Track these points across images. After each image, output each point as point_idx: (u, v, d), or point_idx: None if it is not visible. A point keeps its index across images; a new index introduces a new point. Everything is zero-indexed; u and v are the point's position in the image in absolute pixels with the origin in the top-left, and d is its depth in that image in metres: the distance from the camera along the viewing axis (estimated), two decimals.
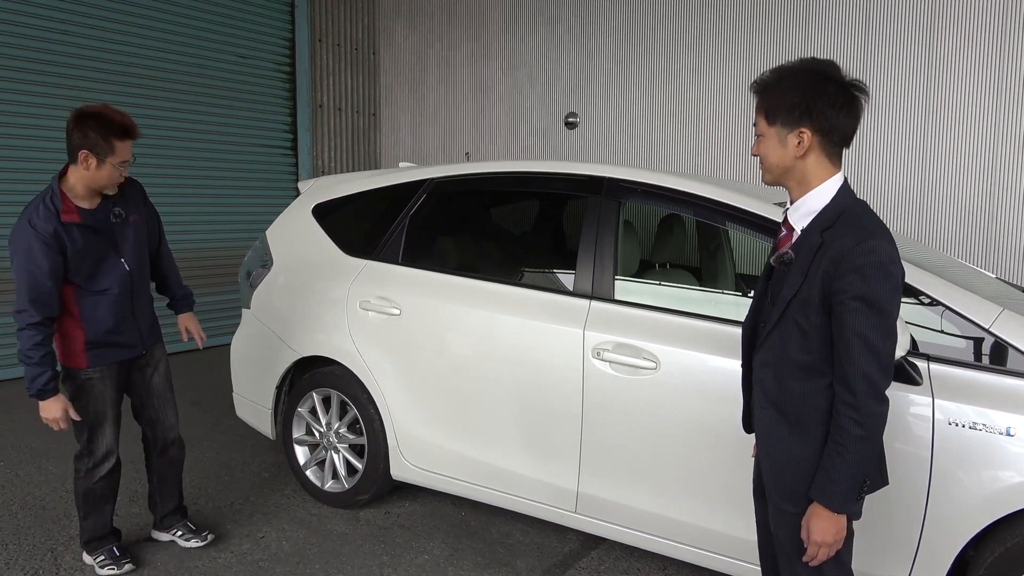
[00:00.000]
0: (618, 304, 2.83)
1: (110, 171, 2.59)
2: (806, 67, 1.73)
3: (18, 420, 4.57)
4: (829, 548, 1.73)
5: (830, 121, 1.71)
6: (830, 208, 1.73)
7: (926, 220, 5.11)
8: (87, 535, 2.89)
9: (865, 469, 1.70)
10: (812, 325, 1.71)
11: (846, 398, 1.67)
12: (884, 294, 1.63)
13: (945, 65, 4.93)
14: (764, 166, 1.81)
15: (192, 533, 3.11)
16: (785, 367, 1.78)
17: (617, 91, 6.35)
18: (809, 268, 1.71)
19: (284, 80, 7.09)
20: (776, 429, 1.81)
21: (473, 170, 3.40)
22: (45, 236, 2.52)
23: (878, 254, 1.63)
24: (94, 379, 2.73)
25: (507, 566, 3.04)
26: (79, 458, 2.84)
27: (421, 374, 3.20)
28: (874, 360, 1.64)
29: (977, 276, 3.05)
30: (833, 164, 1.77)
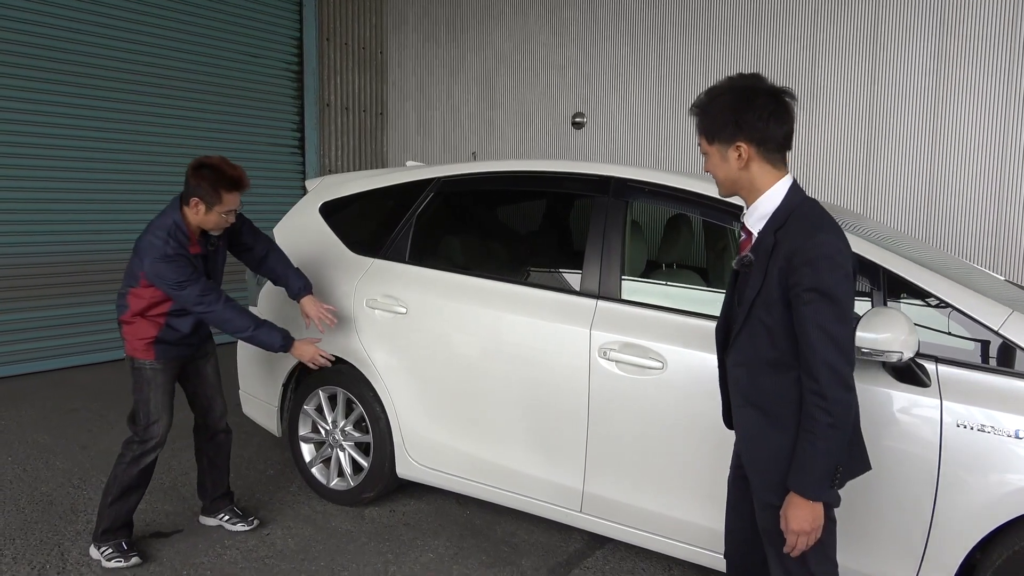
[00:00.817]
0: (625, 304, 2.82)
1: (216, 218, 2.84)
2: (733, 85, 1.84)
3: (25, 416, 4.60)
4: (808, 536, 1.77)
5: (761, 131, 1.80)
6: (781, 209, 1.82)
7: (933, 224, 5.09)
8: (107, 522, 2.91)
9: (836, 456, 1.74)
10: (776, 321, 1.78)
11: (812, 387, 1.72)
12: (835, 283, 1.69)
13: (952, 75, 4.92)
14: (716, 182, 1.93)
15: (239, 517, 3.23)
16: (756, 365, 1.85)
17: (624, 91, 6.35)
18: (767, 267, 1.79)
19: (292, 79, 7.10)
20: (754, 425, 1.88)
21: (480, 169, 3.41)
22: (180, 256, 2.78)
23: (825, 246, 1.71)
24: (158, 369, 2.90)
25: (512, 565, 3.04)
26: (129, 444, 2.92)
27: (427, 373, 3.21)
28: (834, 347, 1.70)
29: (986, 278, 3.04)
30: (777, 169, 1.86)
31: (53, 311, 5.62)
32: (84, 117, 5.65)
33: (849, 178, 5.37)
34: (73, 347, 5.75)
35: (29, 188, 5.42)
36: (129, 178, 5.94)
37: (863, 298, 2.60)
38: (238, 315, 2.89)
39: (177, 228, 2.80)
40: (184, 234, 2.82)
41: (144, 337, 2.88)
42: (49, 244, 5.56)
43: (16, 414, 4.62)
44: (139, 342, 2.88)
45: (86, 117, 5.66)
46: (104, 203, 5.83)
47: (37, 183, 5.46)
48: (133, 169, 5.96)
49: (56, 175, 5.55)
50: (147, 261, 2.77)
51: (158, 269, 2.76)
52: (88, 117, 5.67)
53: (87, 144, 5.68)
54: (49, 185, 5.52)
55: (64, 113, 5.54)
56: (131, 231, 5.91)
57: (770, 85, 1.82)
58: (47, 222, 5.52)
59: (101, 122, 5.75)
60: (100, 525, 2.93)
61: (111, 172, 5.84)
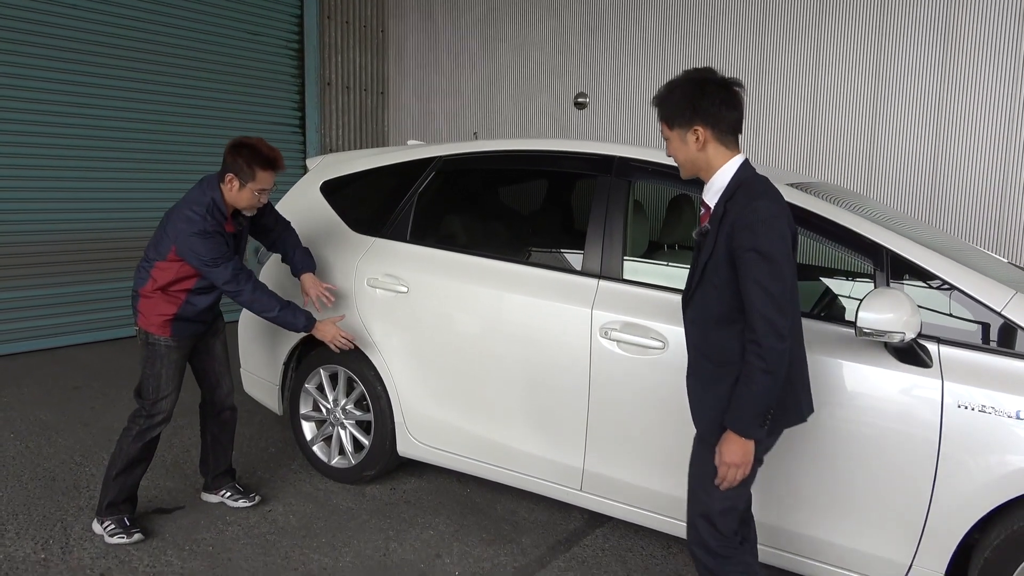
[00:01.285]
0: (627, 284, 2.82)
1: (249, 195, 2.86)
2: (689, 77, 2.07)
3: (27, 393, 4.61)
4: (738, 469, 1.97)
5: (715, 116, 2.02)
6: (731, 183, 2.03)
7: (936, 205, 5.07)
8: (111, 495, 2.93)
9: (768, 400, 1.93)
10: (723, 280, 1.98)
11: (750, 336, 1.92)
12: (770, 243, 1.89)
13: (956, 54, 4.87)
14: (678, 164, 2.15)
15: (240, 494, 3.26)
16: (707, 321, 2.06)
17: (627, 72, 6.30)
18: (717, 234, 1.99)
19: (292, 57, 7.05)
20: (700, 370, 2.10)
21: (482, 148, 3.39)
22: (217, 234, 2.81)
23: (761, 211, 1.92)
24: (172, 346, 2.92)
25: (512, 543, 3.06)
26: (136, 417, 2.93)
27: (428, 352, 3.21)
28: (770, 302, 1.89)
29: (988, 259, 3.03)
30: (729, 149, 2.07)
31: (55, 289, 5.62)
32: (83, 95, 5.61)
33: (853, 159, 5.34)
34: (75, 325, 5.76)
35: (29, 166, 5.39)
36: (129, 156, 5.91)
37: (866, 279, 2.59)
38: (266, 296, 2.93)
39: (215, 206, 2.83)
40: (222, 212, 2.84)
41: (163, 314, 2.88)
42: (51, 222, 5.54)
43: (18, 392, 4.64)
44: (157, 318, 2.88)
45: (85, 95, 5.62)
46: (104, 181, 5.80)
47: (37, 160, 5.44)
48: (133, 147, 5.93)
49: (55, 152, 5.52)
50: (182, 235, 2.78)
51: (193, 244, 2.77)
52: (87, 95, 5.63)
53: (86, 122, 5.65)
54: (49, 163, 5.49)
55: (63, 91, 5.50)
56: (131, 208, 5.93)
57: (721, 76, 2.05)
58: (49, 200, 5.51)
59: (100, 99, 5.71)
60: (104, 498, 2.94)
61: (111, 150, 5.81)
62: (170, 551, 2.87)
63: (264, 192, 2.89)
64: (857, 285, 2.79)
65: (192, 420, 3.97)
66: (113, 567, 2.74)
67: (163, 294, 2.88)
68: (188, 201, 2.84)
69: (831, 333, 2.46)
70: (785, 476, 2.50)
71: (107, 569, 2.73)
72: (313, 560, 2.86)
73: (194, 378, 3.17)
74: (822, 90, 5.41)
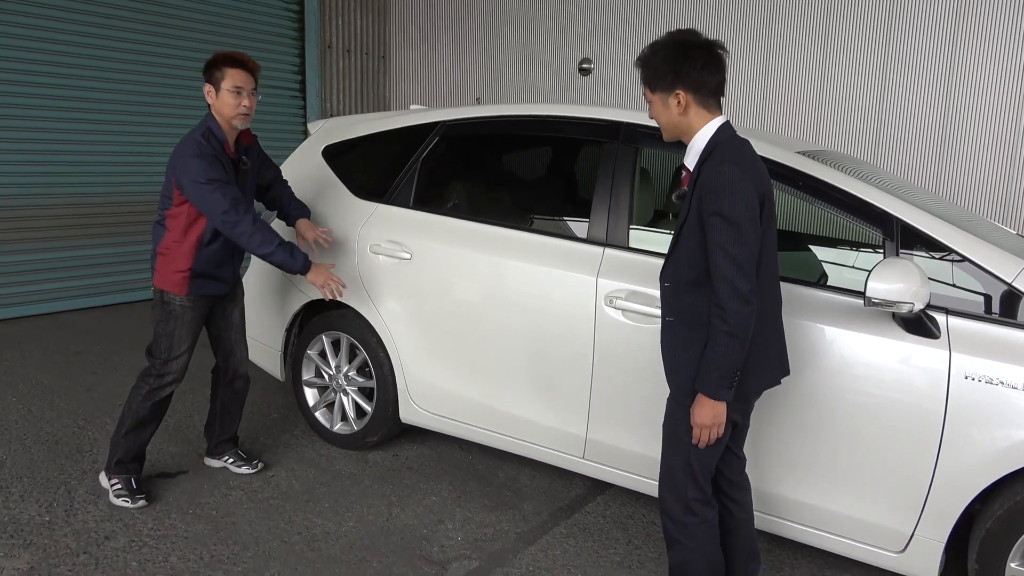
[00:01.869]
0: (632, 252, 2.79)
1: (228, 97, 2.80)
2: (672, 39, 2.04)
3: (29, 356, 4.61)
4: (709, 430, 2.00)
5: (696, 80, 2.01)
6: (708, 146, 2.03)
7: (946, 177, 5.01)
8: (120, 453, 2.93)
9: (734, 361, 1.95)
10: (694, 244, 2.00)
11: (715, 300, 1.94)
12: (731, 207, 1.90)
13: (966, 22, 4.78)
14: (660, 126, 2.13)
15: (243, 460, 3.26)
16: (679, 282, 2.08)
17: (633, 37, 6.19)
18: (691, 196, 2.01)
19: (292, 20, 6.93)
20: (673, 333, 2.13)
21: (487, 113, 3.33)
22: (213, 160, 2.77)
23: (724, 175, 1.92)
24: (187, 307, 2.89)
25: (514, 509, 3.07)
26: (146, 376, 2.93)
27: (431, 318, 3.19)
28: (732, 265, 1.90)
29: (999, 231, 3.00)
30: (711, 112, 2.05)
31: (57, 253, 5.58)
32: (82, 56, 5.52)
33: (862, 127, 5.27)
34: (77, 290, 5.73)
35: (30, 129, 5.33)
36: (128, 119, 5.83)
37: (876, 249, 2.57)
38: (265, 231, 2.85)
39: (211, 133, 2.81)
40: (218, 138, 2.82)
41: (180, 269, 2.85)
42: (54, 185, 5.48)
43: (20, 356, 4.63)
44: (175, 275, 2.85)
45: (84, 56, 5.53)
46: (104, 144, 5.74)
47: (38, 123, 5.37)
48: (131, 110, 5.85)
49: (56, 115, 5.44)
50: (180, 163, 2.75)
51: (189, 166, 2.72)
52: (85, 56, 5.54)
53: (85, 84, 5.56)
54: (49, 126, 5.42)
55: (63, 51, 5.41)
56: (134, 172, 5.88)
57: (704, 39, 2.03)
58: (51, 163, 5.44)
59: (99, 61, 5.62)
60: (114, 455, 2.95)
61: (110, 113, 5.73)
62: (174, 514, 2.89)
63: (243, 92, 2.81)
64: (866, 255, 2.76)
65: (196, 385, 3.97)
66: (117, 530, 2.76)
67: (178, 248, 2.84)
68: (186, 136, 2.82)
69: (840, 303, 2.44)
70: (789, 445, 2.50)
71: (111, 532, 2.75)
72: (316, 525, 2.88)
73: (209, 344, 3.16)
74: (830, 58, 5.32)
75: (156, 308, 2.93)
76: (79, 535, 2.72)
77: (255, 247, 2.85)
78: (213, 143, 2.80)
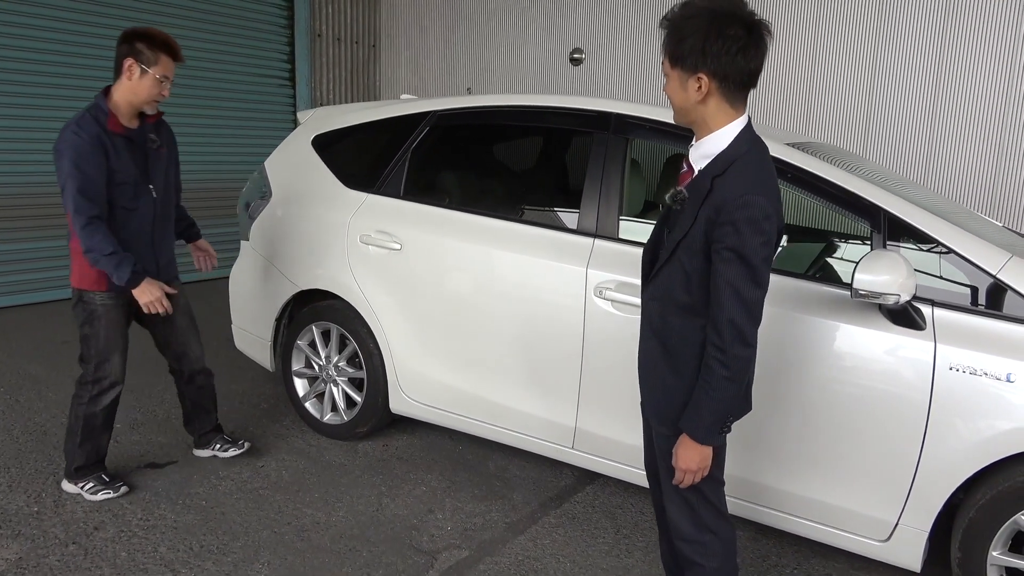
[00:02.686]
0: (622, 243, 2.80)
1: (151, 83, 2.67)
2: (711, 6, 1.70)
3: (16, 347, 4.58)
4: (694, 474, 1.85)
5: (727, 66, 1.70)
6: (725, 154, 1.75)
7: (933, 168, 5.04)
8: (79, 461, 2.86)
9: (729, 406, 1.79)
10: (694, 268, 1.78)
11: (714, 340, 1.74)
12: (754, 248, 1.68)
13: (956, 14, 4.80)
14: (672, 106, 1.84)
15: (229, 443, 3.24)
16: (669, 303, 1.86)
17: (624, 26, 6.18)
18: (698, 213, 1.75)
19: (282, 7, 6.87)
20: (655, 358, 1.92)
21: (478, 103, 3.32)
22: (91, 139, 2.59)
23: (753, 209, 1.67)
24: (108, 305, 2.76)
25: (503, 499, 3.09)
26: (83, 384, 2.83)
27: (421, 309, 3.19)
28: (741, 307, 1.70)
29: (985, 224, 3.02)
30: (735, 108, 1.77)
31: (42, 243, 5.54)
32: (65, 43, 5.46)
33: (850, 119, 5.29)
34: (63, 280, 5.67)
35: (14, 117, 5.27)
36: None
37: (863, 241, 2.58)
38: (102, 236, 2.60)
39: (94, 107, 2.64)
40: (103, 111, 2.63)
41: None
42: (36, 175, 5.43)
43: (7, 345, 4.61)
44: (91, 271, 2.70)
45: (67, 43, 5.47)
46: None
47: (26, 111, 5.32)
48: None
49: (40, 103, 5.39)
50: (56, 148, 2.58)
51: (63, 147, 2.55)
52: (70, 43, 5.48)
53: (71, 71, 5.50)
54: (36, 113, 5.37)
55: (48, 39, 5.35)
56: None
57: (748, 13, 1.70)
58: (36, 151, 5.39)
59: (84, 47, 5.56)
60: (72, 464, 2.87)
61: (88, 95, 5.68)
62: (163, 505, 2.89)
63: (166, 83, 2.69)
64: (853, 247, 2.78)
65: None
66: (107, 520, 2.76)
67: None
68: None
69: (826, 295, 2.45)
70: (774, 434, 2.52)
71: (100, 523, 2.74)
72: (306, 515, 2.89)
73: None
74: (820, 50, 5.33)
75: (76, 310, 2.78)
76: (68, 525, 2.71)
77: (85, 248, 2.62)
78: (94, 117, 2.61)
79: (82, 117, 2.62)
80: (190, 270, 3.19)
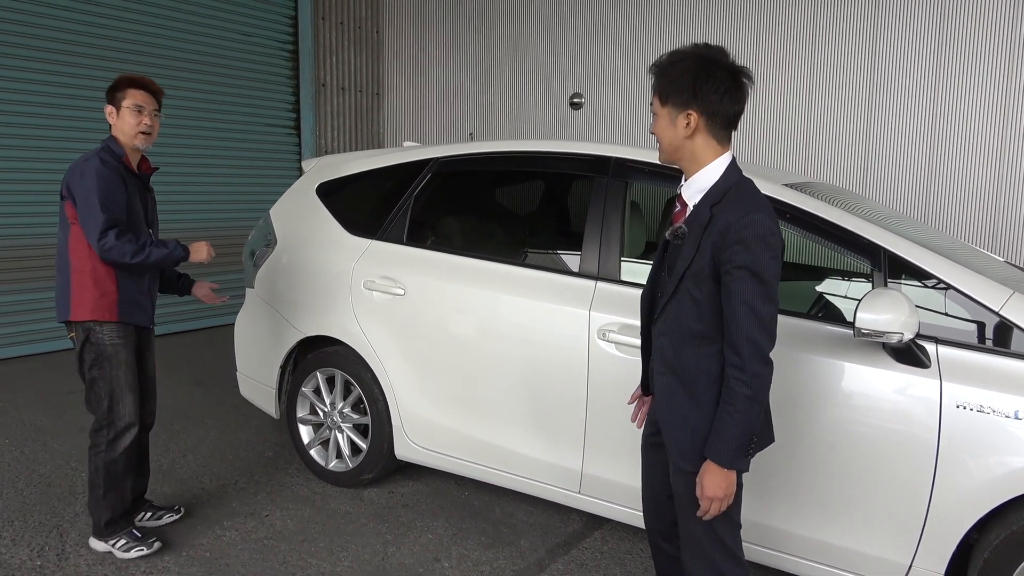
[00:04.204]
0: (624, 285, 2.81)
1: (127, 115, 2.73)
2: (698, 52, 1.85)
3: (22, 398, 4.59)
4: (720, 502, 1.83)
5: (714, 105, 1.83)
6: (719, 185, 1.85)
7: (932, 203, 5.07)
8: (107, 515, 2.77)
9: (752, 427, 1.80)
10: (704, 294, 1.83)
11: (734, 361, 1.78)
12: (764, 263, 1.75)
13: (951, 53, 4.88)
14: (659, 145, 1.95)
15: (163, 509, 3.09)
16: (681, 335, 1.89)
17: (623, 71, 6.29)
18: (700, 241, 1.83)
19: (287, 59, 7.03)
20: (672, 392, 1.93)
21: (478, 150, 3.38)
22: (114, 170, 2.69)
23: (758, 226, 1.75)
24: (118, 344, 2.73)
25: (511, 545, 3.05)
26: (98, 431, 2.76)
27: (425, 354, 3.20)
28: (758, 324, 1.75)
29: (985, 259, 3.03)
30: (720, 144, 1.88)
31: (47, 293, 5.57)
32: (74, 97, 5.59)
33: (848, 156, 5.34)
34: None
35: (20, 170, 5.37)
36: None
37: (863, 279, 2.59)
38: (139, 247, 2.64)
39: (109, 148, 2.73)
40: (115, 153, 2.73)
41: (106, 292, 2.66)
42: (40, 225, 5.50)
43: (13, 396, 4.61)
44: (101, 299, 2.65)
45: (76, 97, 5.60)
46: None
47: (30, 164, 5.42)
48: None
49: (46, 156, 5.49)
50: (74, 175, 2.63)
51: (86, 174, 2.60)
52: (79, 97, 5.61)
53: (79, 124, 5.62)
54: (41, 166, 5.46)
55: (55, 93, 5.48)
56: None
57: (731, 62, 1.85)
58: (43, 203, 5.48)
59: (93, 102, 5.68)
60: (100, 519, 2.79)
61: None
62: (167, 557, 2.86)
63: (144, 112, 2.74)
64: (855, 285, 2.79)
65: (188, 424, 3.96)
66: (110, 573, 2.73)
67: (94, 273, 2.65)
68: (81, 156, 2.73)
69: (829, 333, 2.45)
70: (783, 476, 2.50)
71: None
72: (311, 565, 2.85)
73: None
74: (817, 89, 5.40)
75: (84, 351, 2.71)
76: None
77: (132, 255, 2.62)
78: (112, 152, 2.72)
79: (101, 150, 2.71)
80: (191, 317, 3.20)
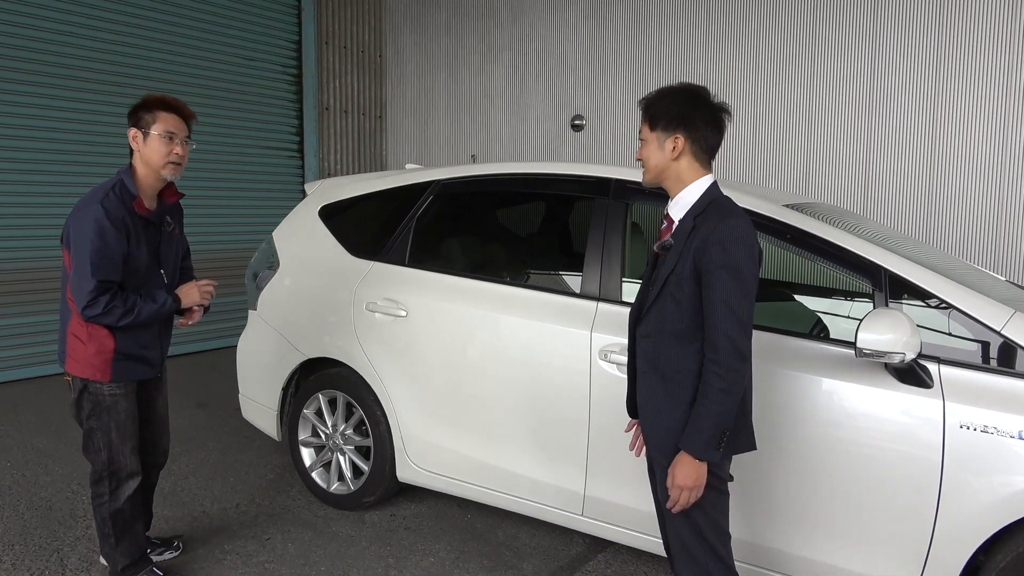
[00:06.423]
0: (626, 306, 2.81)
1: (156, 143, 2.50)
2: (685, 87, 2.06)
3: (24, 421, 4.58)
4: (690, 492, 1.93)
5: (699, 131, 2.01)
6: (701, 199, 2.02)
7: (933, 223, 5.08)
8: (123, 561, 2.65)
9: (725, 420, 1.90)
10: (685, 295, 1.96)
11: (711, 356, 1.90)
12: (742, 262, 1.88)
13: (950, 73, 4.92)
14: (645, 167, 2.10)
15: (163, 546, 3.00)
16: (663, 336, 2.02)
17: (624, 93, 6.35)
18: (683, 247, 1.97)
19: (290, 82, 7.10)
20: (655, 393, 2.05)
21: (480, 172, 3.40)
22: (117, 222, 2.43)
23: (735, 228, 1.91)
24: (118, 395, 2.54)
25: (513, 569, 3.03)
26: (98, 482, 2.58)
27: (427, 376, 3.20)
28: (735, 320, 1.87)
29: (986, 278, 3.03)
30: (703, 167, 2.05)
31: (49, 316, 5.59)
32: (79, 121, 5.64)
33: (848, 177, 5.36)
34: None
35: (22, 192, 5.41)
36: None
37: (865, 299, 2.59)
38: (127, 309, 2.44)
39: (120, 184, 2.47)
40: (130, 193, 2.48)
41: (102, 351, 2.48)
42: (42, 248, 5.52)
43: (14, 419, 4.61)
44: (95, 358, 2.47)
45: (81, 121, 5.65)
46: None
47: (33, 187, 5.45)
48: None
49: (49, 179, 5.53)
50: (74, 220, 2.40)
51: (84, 223, 2.36)
52: (84, 121, 5.66)
53: (81, 148, 5.67)
54: (44, 190, 5.50)
55: (57, 117, 5.53)
56: None
57: (714, 99, 2.05)
58: (39, 224, 5.51)
59: (97, 126, 5.74)
60: (117, 565, 2.65)
61: (107, 176, 5.82)
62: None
63: (175, 138, 2.50)
64: (856, 305, 2.79)
65: (191, 446, 3.94)
66: None
67: (91, 327, 2.46)
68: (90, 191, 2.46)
69: (831, 354, 2.45)
70: (786, 498, 2.48)
71: None
72: None
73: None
74: (816, 110, 5.44)
75: (82, 400, 2.53)
76: None
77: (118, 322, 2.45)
78: (123, 199, 2.45)
79: (107, 196, 2.44)
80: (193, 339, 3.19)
